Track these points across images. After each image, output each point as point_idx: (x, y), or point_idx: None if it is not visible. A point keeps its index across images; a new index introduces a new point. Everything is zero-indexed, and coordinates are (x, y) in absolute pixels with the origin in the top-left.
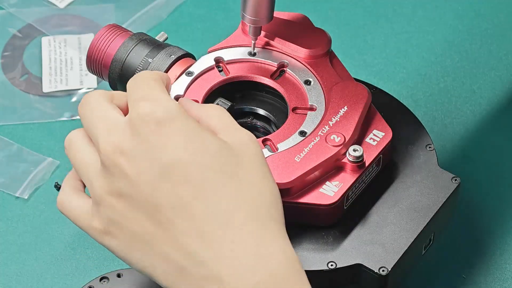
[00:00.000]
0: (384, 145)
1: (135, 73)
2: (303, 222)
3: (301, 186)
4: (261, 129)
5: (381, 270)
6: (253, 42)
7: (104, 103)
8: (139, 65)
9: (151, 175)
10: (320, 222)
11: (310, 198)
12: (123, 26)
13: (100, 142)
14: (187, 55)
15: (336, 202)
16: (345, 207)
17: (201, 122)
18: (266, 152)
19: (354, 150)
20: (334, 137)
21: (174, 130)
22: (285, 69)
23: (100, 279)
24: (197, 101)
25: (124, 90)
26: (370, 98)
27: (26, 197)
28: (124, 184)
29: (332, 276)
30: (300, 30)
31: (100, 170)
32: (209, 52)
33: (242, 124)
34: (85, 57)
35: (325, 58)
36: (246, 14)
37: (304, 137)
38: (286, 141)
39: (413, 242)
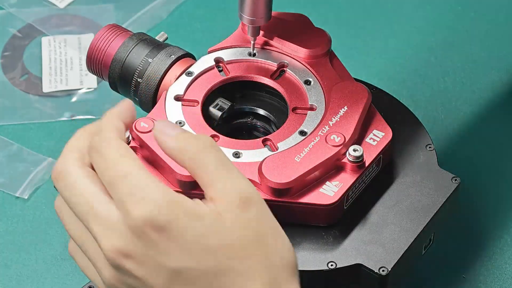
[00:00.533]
0: (384, 145)
1: (135, 73)
2: (303, 222)
3: (301, 186)
4: (261, 129)
5: (381, 270)
6: (252, 42)
7: (83, 180)
8: (139, 65)
9: (160, 279)
10: (320, 222)
11: (310, 198)
12: (123, 26)
13: (102, 244)
14: (187, 55)
15: (336, 202)
16: (345, 207)
17: (194, 173)
18: (266, 152)
19: (354, 150)
20: (334, 137)
21: (175, 234)
22: (285, 69)
23: None
24: (197, 101)
25: (124, 91)
26: (370, 98)
27: (26, 197)
28: (134, 281)
29: (332, 276)
30: (300, 30)
31: (108, 261)
32: (209, 52)
33: (242, 124)
34: (85, 57)
35: (325, 58)
36: (243, 14)
37: (304, 137)
38: (286, 141)
39: (413, 242)
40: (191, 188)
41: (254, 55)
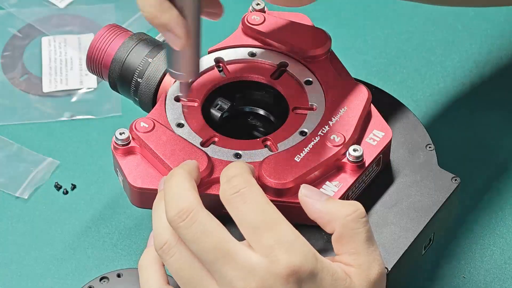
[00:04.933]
0: (384, 145)
1: (135, 73)
2: (304, 222)
3: None
4: (261, 129)
5: None
6: (185, 100)
7: (215, 222)
8: (139, 65)
9: None
10: None
11: None
12: (123, 26)
13: (237, 286)
14: None
15: None
16: None
17: (341, 237)
18: (266, 152)
19: (354, 150)
20: (334, 137)
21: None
22: (285, 69)
23: (100, 279)
24: (197, 102)
25: (124, 91)
26: (370, 98)
27: (26, 197)
28: None
29: None
30: (300, 30)
31: None
32: (209, 52)
33: (242, 124)
34: (85, 57)
35: (325, 58)
36: (173, 69)
37: (304, 137)
38: (286, 141)
39: (413, 242)
40: None
41: (183, 126)
